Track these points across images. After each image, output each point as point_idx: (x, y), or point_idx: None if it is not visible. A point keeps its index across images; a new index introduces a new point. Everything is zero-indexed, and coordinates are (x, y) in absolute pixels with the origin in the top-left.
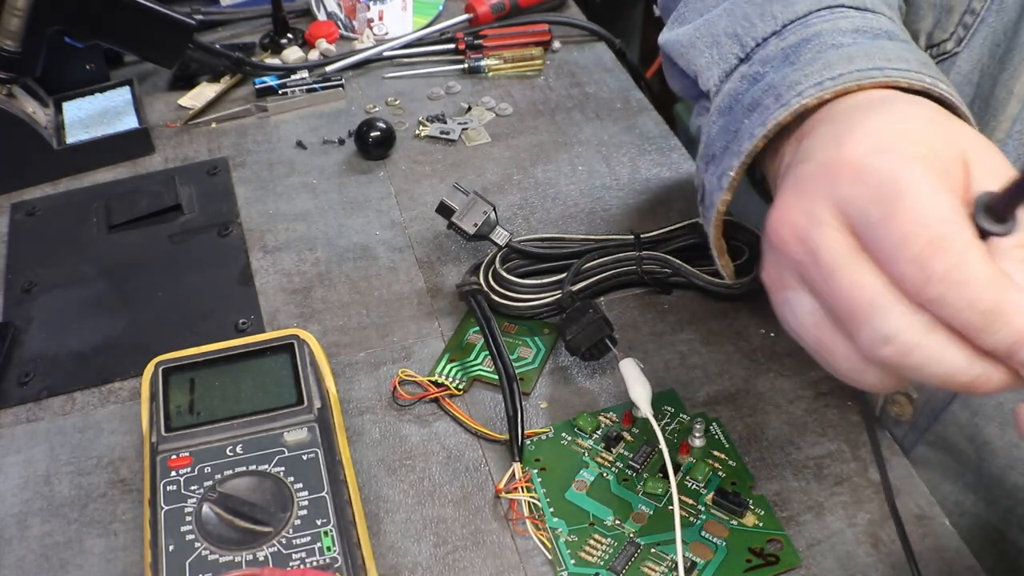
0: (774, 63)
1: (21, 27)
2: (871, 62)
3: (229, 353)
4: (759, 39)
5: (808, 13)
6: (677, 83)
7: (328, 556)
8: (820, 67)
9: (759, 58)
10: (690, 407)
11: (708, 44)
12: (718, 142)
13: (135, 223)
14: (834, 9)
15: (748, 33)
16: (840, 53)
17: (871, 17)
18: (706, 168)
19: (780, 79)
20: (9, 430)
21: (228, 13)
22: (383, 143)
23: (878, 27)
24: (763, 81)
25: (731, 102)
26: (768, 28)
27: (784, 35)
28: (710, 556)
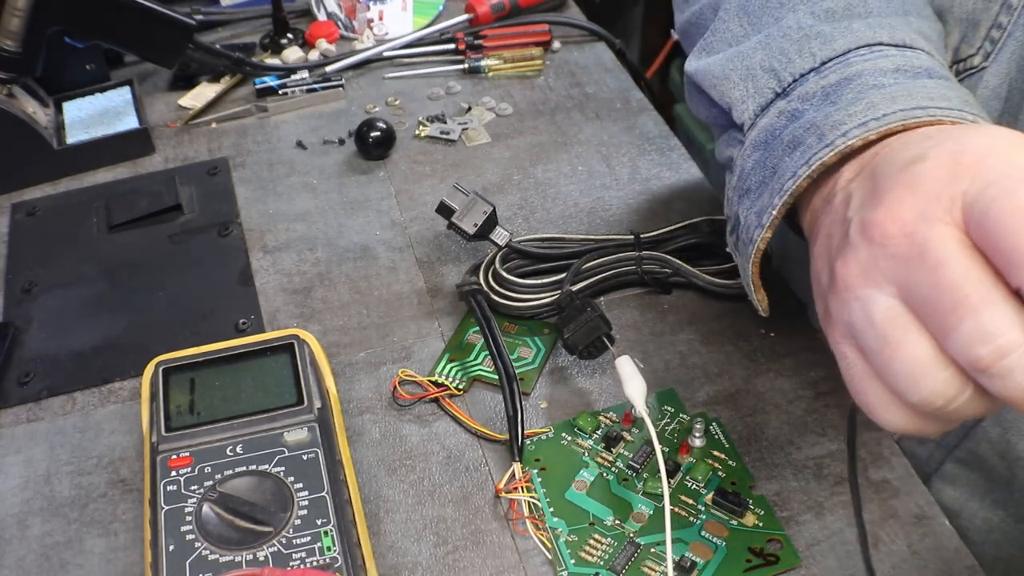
0: (814, 101)
1: (21, 27)
2: (914, 101)
3: (229, 353)
4: (797, 75)
5: (848, 51)
6: (704, 112)
7: (328, 556)
8: (864, 107)
9: (798, 95)
10: (690, 407)
11: (743, 77)
12: (753, 176)
13: (135, 223)
14: (873, 48)
15: (786, 68)
16: (883, 93)
17: (911, 55)
18: (739, 201)
19: (822, 118)
20: (9, 430)
21: (228, 13)
22: (383, 143)
23: (918, 65)
24: (803, 119)
25: (768, 137)
26: (807, 64)
27: (824, 73)
28: (710, 556)
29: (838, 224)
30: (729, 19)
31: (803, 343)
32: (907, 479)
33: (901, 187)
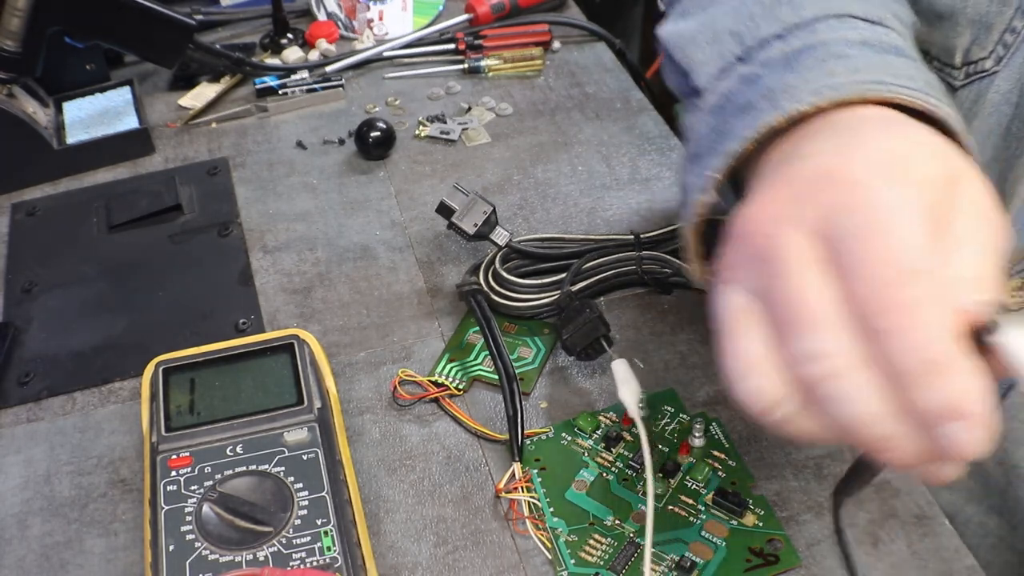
0: (773, 66)
1: (21, 27)
2: (875, 75)
3: (229, 353)
4: (760, 39)
5: (815, 19)
6: (673, 79)
7: (328, 556)
8: (821, 74)
9: (759, 60)
10: (690, 407)
11: (708, 40)
12: (705, 141)
13: (135, 223)
14: (843, 19)
15: (751, 33)
16: (844, 64)
17: (881, 31)
18: (690, 167)
19: (777, 82)
20: (9, 430)
21: (228, 13)
22: (383, 143)
23: (888, 42)
24: (759, 83)
25: (723, 101)
26: (772, 30)
27: (788, 39)
28: (710, 556)
29: None
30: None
31: None
32: (907, 479)
33: (778, 184)
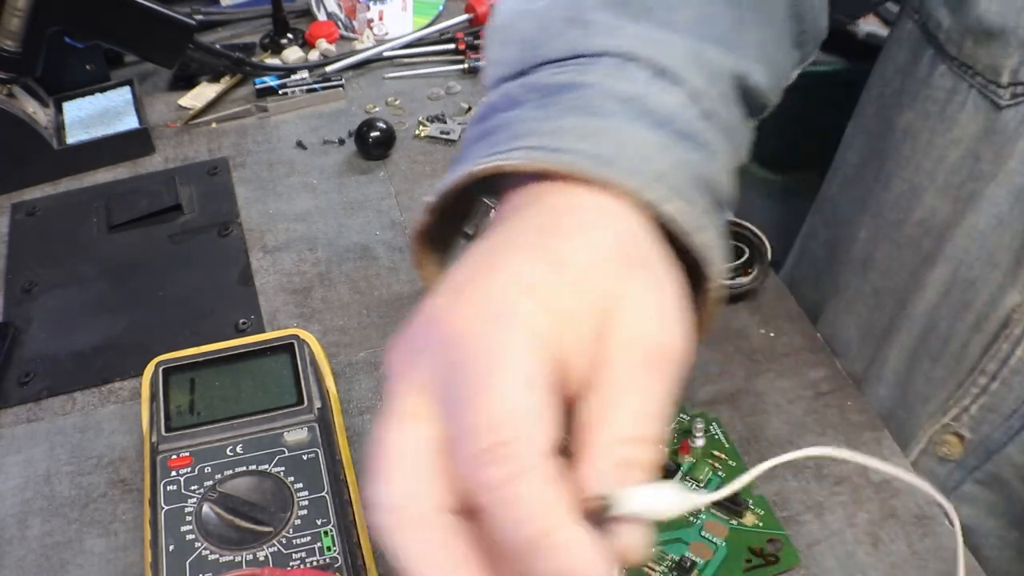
0: (535, 95)
1: (21, 27)
2: (598, 147)
3: (229, 353)
4: (542, 59)
5: (600, 53)
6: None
7: (328, 556)
8: (553, 127)
9: (529, 82)
10: (690, 407)
11: (502, 40)
12: (462, 152)
13: (135, 223)
14: (627, 62)
15: (537, 48)
16: (582, 121)
17: (658, 88)
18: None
19: (521, 117)
20: (9, 430)
21: (228, 13)
22: (383, 143)
23: (656, 105)
24: (519, 109)
25: (486, 112)
26: (555, 52)
27: (561, 68)
28: (710, 556)
29: None
30: None
31: (803, 343)
32: None
33: (422, 311)
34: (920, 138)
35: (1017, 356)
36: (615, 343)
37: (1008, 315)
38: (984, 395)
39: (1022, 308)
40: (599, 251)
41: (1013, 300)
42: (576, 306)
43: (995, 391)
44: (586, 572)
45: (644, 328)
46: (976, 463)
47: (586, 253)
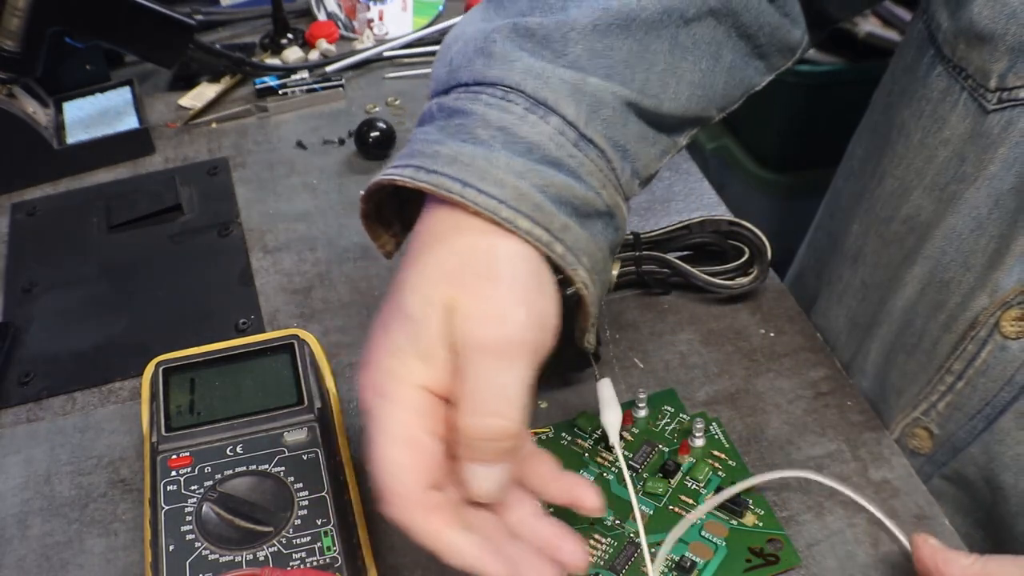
0: (441, 116)
1: (21, 27)
2: (465, 173)
3: (229, 353)
4: (456, 82)
5: (492, 82)
6: None
7: (328, 556)
8: (440, 149)
9: (443, 102)
10: (690, 407)
11: (442, 58)
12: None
13: (135, 223)
14: (510, 92)
15: (456, 71)
16: (460, 148)
17: (535, 120)
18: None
19: (423, 135)
20: (9, 430)
21: (228, 13)
22: (383, 143)
23: (525, 135)
24: (430, 125)
25: (419, 121)
26: (464, 77)
27: (468, 92)
28: (710, 556)
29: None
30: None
31: (803, 343)
32: (907, 479)
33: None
34: (913, 136)
35: (982, 358)
36: (456, 348)
37: (976, 317)
38: (950, 393)
39: (989, 312)
40: (430, 282)
41: (982, 303)
42: (429, 343)
43: (960, 390)
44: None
45: (470, 329)
46: (943, 459)
47: (421, 291)
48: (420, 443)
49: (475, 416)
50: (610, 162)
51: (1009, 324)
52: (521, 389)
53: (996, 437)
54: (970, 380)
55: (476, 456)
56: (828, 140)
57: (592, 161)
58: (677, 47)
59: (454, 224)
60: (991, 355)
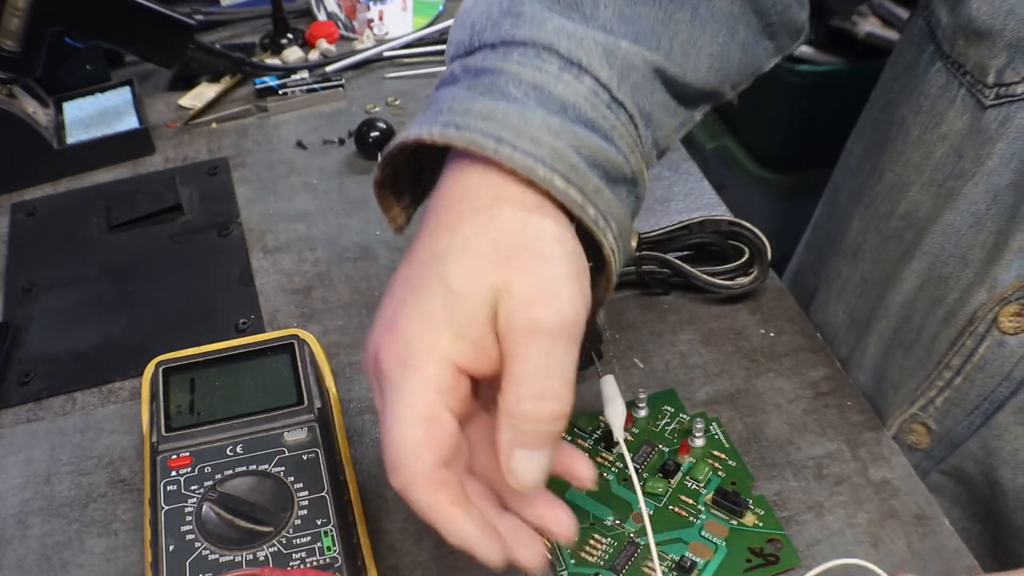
0: (467, 75)
1: (21, 27)
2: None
3: (229, 353)
4: (481, 43)
5: (521, 42)
6: None
7: (328, 556)
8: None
9: (469, 62)
10: (690, 407)
11: (460, 24)
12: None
13: (135, 223)
14: (542, 51)
15: (480, 33)
16: (493, 105)
17: (570, 78)
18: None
19: (451, 96)
20: (9, 430)
21: (228, 13)
22: (383, 143)
23: (560, 93)
24: (454, 86)
25: (437, 84)
26: (490, 38)
27: (493, 53)
28: (710, 556)
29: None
30: None
31: (803, 343)
32: (907, 479)
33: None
34: (912, 132)
35: (980, 354)
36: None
37: (974, 313)
38: (948, 389)
39: (987, 307)
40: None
41: (980, 299)
42: (469, 320)
43: (959, 386)
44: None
45: (523, 311)
46: (942, 455)
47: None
48: (439, 421)
49: (530, 400)
50: (636, 128)
51: (1007, 320)
52: (573, 369)
53: (994, 432)
54: (968, 376)
55: (525, 441)
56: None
57: (623, 125)
58: (697, 18)
59: (492, 192)
60: (989, 351)
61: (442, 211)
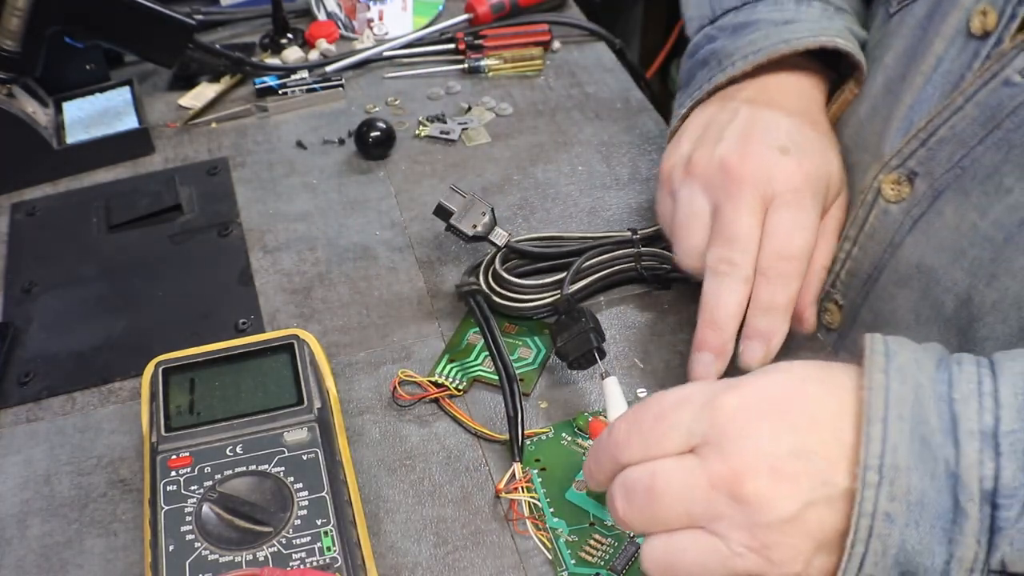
0: (726, 32)
1: (21, 27)
2: (780, 36)
3: (229, 353)
4: (723, 9)
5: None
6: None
7: (328, 556)
8: (748, 43)
9: (719, 25)
10: None
11: (696, 3)
12: (682, 78)
13: (135, 223)
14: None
15: (718, 2)
16: (766, 30)
17: (803, 8)
18: (678, 96)
19: (724, 48)
20: (9, 430)
21: (228, 13)
22: (383, 143)
23: (804, 18)
24: (715, 43)
25: (694, 50)
26: (730, 3)
27: (739, 12)
28: None
29: (714, 131)
30: None
31: (803, 343)
32: None
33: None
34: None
35: (870, 223)
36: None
37: (869, 186)
38: (849, 260)
39: (872, 175)
40: (804, 121)
41: (872, 173)
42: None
43: (855, 256)
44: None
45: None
46: (847, 331)
47: (802, 123)
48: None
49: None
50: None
51: (889, 187)
52: None
53: (878, 296)
54: (862, 245)
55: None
56: None
57: (852, 13)
58: None
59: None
60: (876, 219)
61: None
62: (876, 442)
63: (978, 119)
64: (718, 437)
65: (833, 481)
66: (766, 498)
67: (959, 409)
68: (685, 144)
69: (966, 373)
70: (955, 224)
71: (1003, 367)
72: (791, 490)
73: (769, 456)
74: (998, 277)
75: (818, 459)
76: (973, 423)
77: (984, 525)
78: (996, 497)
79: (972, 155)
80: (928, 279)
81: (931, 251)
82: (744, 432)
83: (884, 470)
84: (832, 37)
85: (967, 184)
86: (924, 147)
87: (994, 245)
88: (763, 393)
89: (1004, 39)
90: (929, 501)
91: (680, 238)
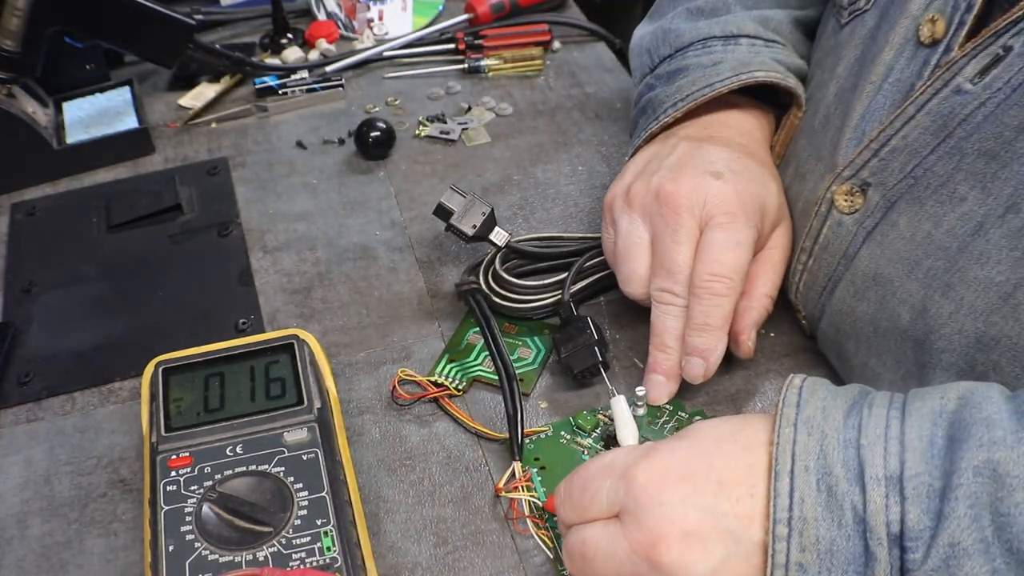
0: (662, 80)
1: (21, 27)
2: (706, 80)
3: (229, 353)
4: (661, 58)
5: (689, 45)
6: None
7: (328, 556)
8: (677, 91)
9: (656, 73)
10: (690, 407)
11: (638, 52)
12: (632, 127)
13: (135, 223)
14: (707, 42)
15: (656, 52)
16: (694, 76)
17: (731, 47)
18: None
19: (656, 96)
20: (9, 430)
21: (228, 13)
22: (383, 143)
23: (730, 56)
24: (653, 92)
25: (637, 99)
26: (665, 52)
27: (671, 60)
28: None
29: (654, 164)
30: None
31: (803, 343)
32: None
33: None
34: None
35: (824, 234)
36: (711, 210)
37: (822, 197)
38: (805, 272)
39: (831, 190)
40: (742, 153)
41: (826, 184)
42: (746, 186)
43: (811, 267)
44: (710, 357)
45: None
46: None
47: (740, 154)
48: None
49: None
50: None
51: (842, 199)
52: None
53: (836, 308)
54: (816, 256)
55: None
56: None
57: (786, 46)
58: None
59: (724, 120)
60: (830, 230)
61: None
62: (783, 496)
63: (930, 128)
64: (634, 506)
65: (747, 537)
66: (680, 564)
67: (866, 455)
68: (628, 177)
69: (875, 417)
70: (909, 234)
71: (912, 408)
72: (702, 554)
73: (679, 522)
74: (953, 287)
75: (729, 519)
76: (879, 469)
77: (895, 567)
78: (904, 540)
79: (924, 164)
80: (884, 290)
81: (886, 262)
82: (655, 500)
83: (793, 522)
84: (752, 72)
85: (920, 194)
86: (876, 157)
87: (948, 255)
88: (671, 461)
89: (953, 47)
90: (839, 548)
91: (622, 267)
